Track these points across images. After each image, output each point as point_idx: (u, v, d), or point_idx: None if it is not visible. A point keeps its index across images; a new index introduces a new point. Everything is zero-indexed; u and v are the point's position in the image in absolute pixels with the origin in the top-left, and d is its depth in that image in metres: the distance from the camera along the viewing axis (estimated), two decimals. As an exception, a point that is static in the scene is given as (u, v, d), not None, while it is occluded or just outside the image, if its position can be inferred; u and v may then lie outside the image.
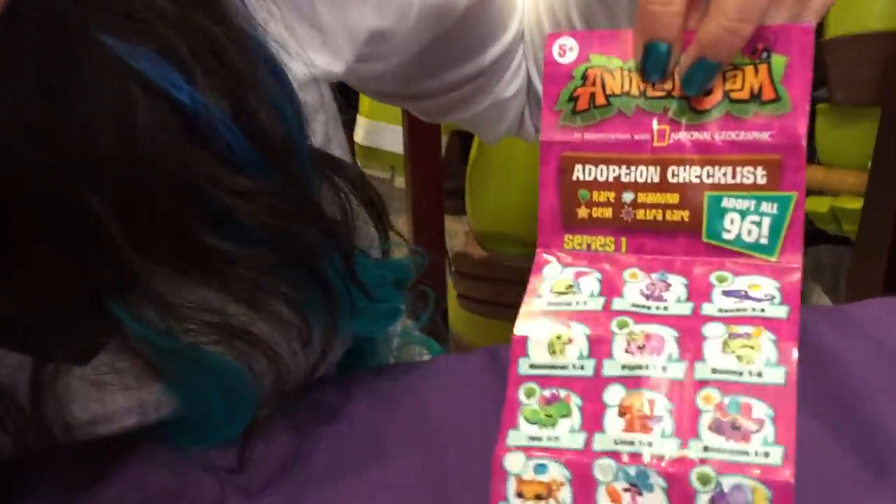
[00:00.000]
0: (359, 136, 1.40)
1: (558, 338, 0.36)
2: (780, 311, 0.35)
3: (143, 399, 0.45)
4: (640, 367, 0.35)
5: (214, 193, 0.40)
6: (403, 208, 0.97)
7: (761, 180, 0.37)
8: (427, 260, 0.53)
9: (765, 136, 0.37)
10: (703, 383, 0.34)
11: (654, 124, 0.38)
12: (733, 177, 0.37)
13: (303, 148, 0.44)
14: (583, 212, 0.39)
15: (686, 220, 0.38)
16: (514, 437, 0.35)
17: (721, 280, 0.37)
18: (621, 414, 0.35)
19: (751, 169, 0.37)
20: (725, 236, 0.37)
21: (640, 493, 0.33)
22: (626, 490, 0.33)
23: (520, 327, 0.37)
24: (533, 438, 0.35)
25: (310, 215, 0.44)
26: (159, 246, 0.40)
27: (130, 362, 0.43)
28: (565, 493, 0.34)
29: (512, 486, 0.35)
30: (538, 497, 0.35)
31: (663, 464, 0.33)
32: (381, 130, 1.36)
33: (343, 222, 0.46)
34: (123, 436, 0.45)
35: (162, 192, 0.39)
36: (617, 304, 0.37)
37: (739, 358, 0.34)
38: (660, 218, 0.38)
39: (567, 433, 0.35)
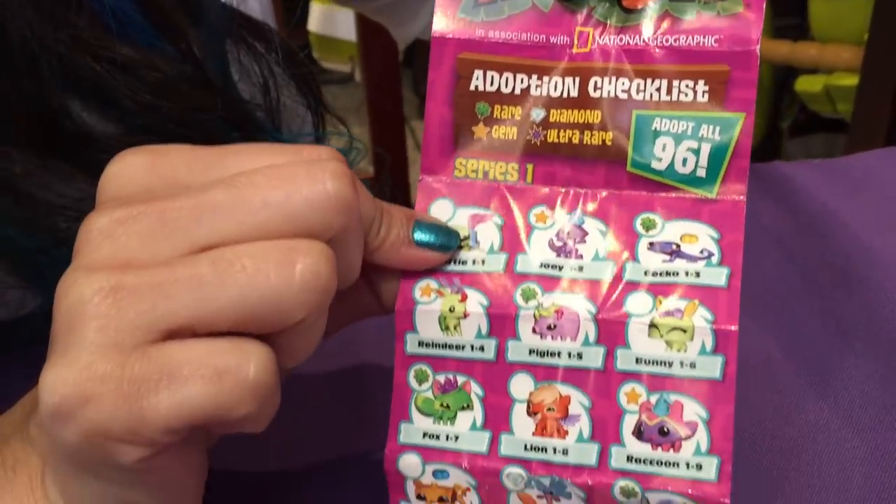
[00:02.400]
0: (313, 23, 1.19)
1: (451, 311, 0.30)
2: (719, 277, 0.28)
3: (1, 299, 0.39)
4: (550, 354, 0.29)
5: (83, 62, 0.33)
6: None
7: (702, 97, 0.28)
8: (367, 152, 0.45)
9: (710, 41, 0.27)
10: (626, 375, 0.28)
11: (576, 25, 0.28)
12: (668, 92, 0.28)
13: (208, 8, 0.35)
14: (480, 130, 0.31)
15: (608, 144, 0.29)
16: (406, 433, 0.30)
17: (648, 226, 0.29)
18: (531, 412, 0.29)
19: (690, 83, 0.28)
20: (655, 166, 0.29)
21: (558, 500, 0.29)
22: (540, 497, 0.29)
23: (403, 294, 0.30)
24: (429, 436, 0.30)
25: (210, 94, 0.35)
26: (17, 126, 0.34)
27: None
28: (472, 498, 0.30)
29: (411, 489, 0.30)
30: (442, 500, 0.30)
31: (581, 477, 0.28)
32: (336, 17, 1.16)
33: (263, 103, 0.37)
34: None
35: (13, 59, 0.32)
36: (522, 263, 0.30)
37: (669, 344, 0.28)
38: (576, 141, 0.30)
39: (468, 431, 0.29)
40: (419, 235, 0.29)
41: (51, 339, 0.25)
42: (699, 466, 0.27)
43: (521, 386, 0.29)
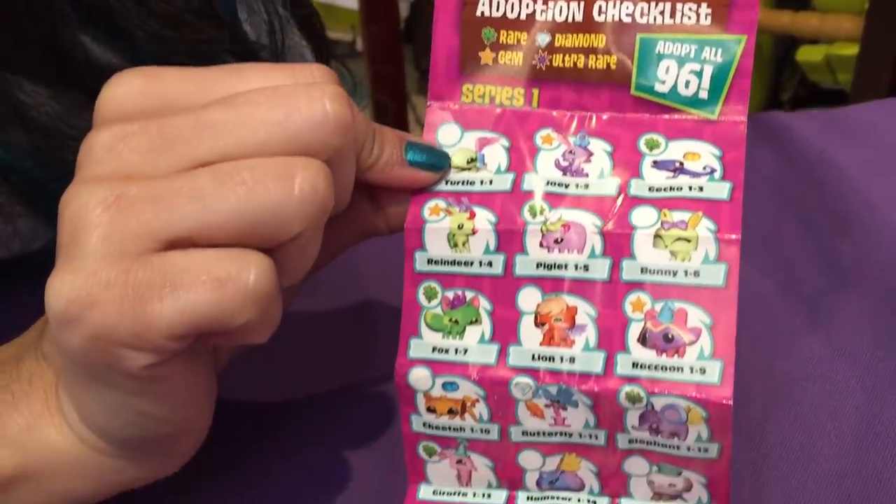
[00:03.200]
0: (313, -9, 1.19)
1: (460, 227, 0.30)
2: (721, 190, 0.29)
3: (11, 232, 0.39)
4: (557, 266, 0.30)
5: None
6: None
7: (705, 20, 0.29)
8: (370, 99, 0.46)
9: None
10: (631, 285, 0.29)
11: None
12: (672, 15, 0.29)
13: None
14: (487, 56, 0.31)
15: (612, 68, 0.30)
16: (416, 348, 0.31)
17: (652, 146, 0.30)
18: (539, 323, 0.30)
19: (693, 6, 0.29)
20: (658, 89, 0.30)
21: (565, 409, 0.30)
22: (547, 406, 0.30)
23: (412, 213, 0.31)
24: (438, 350, 0.31)
25: (218, 27, 0.36)
26: (26, 55, 0.34)
27: None
28: (481, 408, 0.31)
29: (421, 402, 0.31)
30: (452, 412, 0.31)
31: (587, 384, 0.29)
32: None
33: (269, 44, 0.38)
34: None
35: None
36: (528, 181, 0.31)
37: (673, 254, 0.29)
38: (581, 65, 0.31)
39: (476, 344, 0.30)
40: (411, 155, 0.30)
41: (56, 249, 0.26)
42: (703, 370, 0.28)
43: (528, 299, 0.30)
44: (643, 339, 0.29)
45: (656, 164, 0.30)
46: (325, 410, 0.37)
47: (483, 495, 0.32)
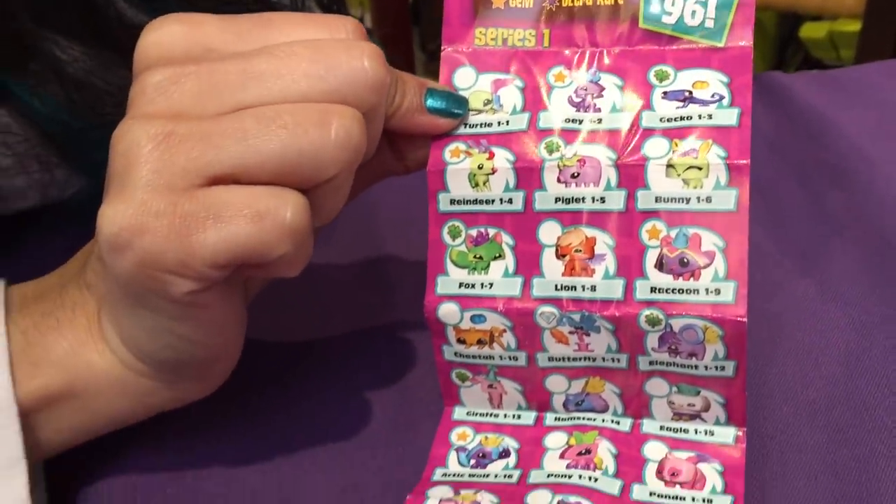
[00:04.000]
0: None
1: (480, 168, 0.32)
2: (730, 116, 0.30)
3: (46, 181, 0.41)
4: (575, 200, 0.31)
5: None
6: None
7: (708, -50, 0.30)
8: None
9: None
10: (646, 214, 0.30)
11: None
12: (674, -52, 0.30)
13: None
14: (498, 0, 0.32)
15: (620, 3, 0.31)
16: (443, 285, 0.32)
17: (661, 77, 0.31)
18: (560, 255, 0.31)
19: None
20: (665, 20, 0.31)
21: (588, 335, 0.31)
22: (571, 333, 0.31)
23: (434, 156, 0.32)
24: (464, 286, 0.32)
25: None
26: (63, 15, 0.35)
27: (32, 143, 0.39)
28: (509, 338, 0.32)
29: (451, 334, 0.33)
30: (481, 343, 0.33)
31: (609, 310, 0.31)
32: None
33: (290, 5, 0.39)
34: (24, 213, 0.42)
35: None
36: (544, 119, 0.32)
37: (686, 182, 0.30)
38: (589, 3, 0.32)
39: (501, 278, 0.32)
40: (431, 102, 0.31)
41: (106, 181, 0.27)
42: (718, 291, 0.30)
43: (549, 232, 0.31)
44: (660, 265, 0.30)
45: (666, 95, 0.31)
46: (347, 350, 0.39)
47: (513, 416, 0.34)
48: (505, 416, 0.34)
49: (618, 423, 0.33)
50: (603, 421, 0.33)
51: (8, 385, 0.29)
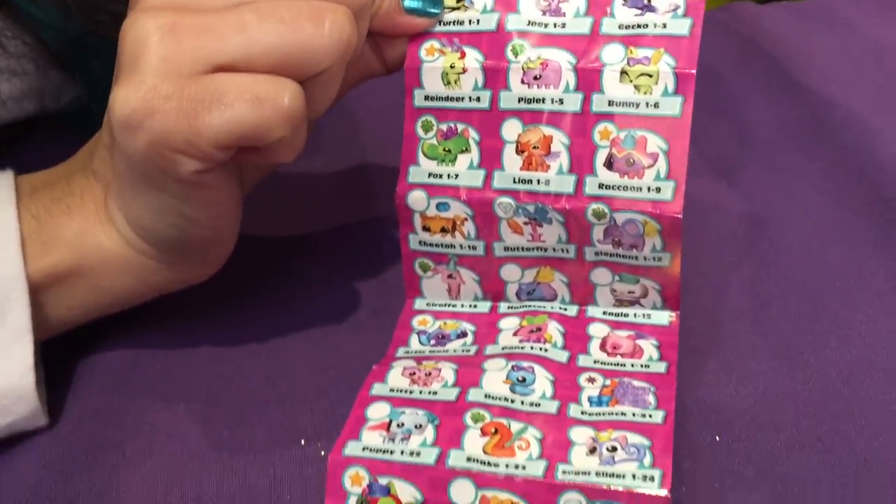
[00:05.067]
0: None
1: (452, 67, 0.34)
2: (683, 26, 0.33)
3: (41, 86, 0.43)
4: (536, 101, 0.34)
5: None
6: None
7: None
8: None
9: None
10: (600, 116, 0.33)
11: None
12: None
13: None
14: None
15: None
16: (414, 174, 0.35)
17: None
18: (519, 151, 0.34)
19: None
20: (630, -64, 0.33)
21: (540, 226, 0.34)
22: (526, 223, 0.34)
23: (411, 54, 0.35)
24: (433, 175, 0.35)
25: None
26: None
27: (30, 47, 0.41)
28: (469, 227, 0.35)
29: (418, 221, 0.36)
30: (444, 231, 0.36)
31: (560, 203, 0.34)
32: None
33: None
34: (19, 123, 0.45)
35: None
36: (512, 21, 0.34)
37: (637, 88, 0.33)
38: None
39: (466, 170, 0.35)
40: (408, 3, 0.34)
41: (116, 69, 0.30)
42: (658, 189, 0.33)
43: (511, 129, 0.34)
44: (609, 164, 0.33)
45: (626, 2, 0.33)
46: (332, 246, 0.42)
47: (470, 305, 0.37)
48: (462, 305, 0.37)
49: (565, 309, 0.36)
50: (552, 308, 0.36)
51: (19, 262, 0.32)
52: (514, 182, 0.34)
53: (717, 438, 0.33)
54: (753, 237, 0.41)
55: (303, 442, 0.34)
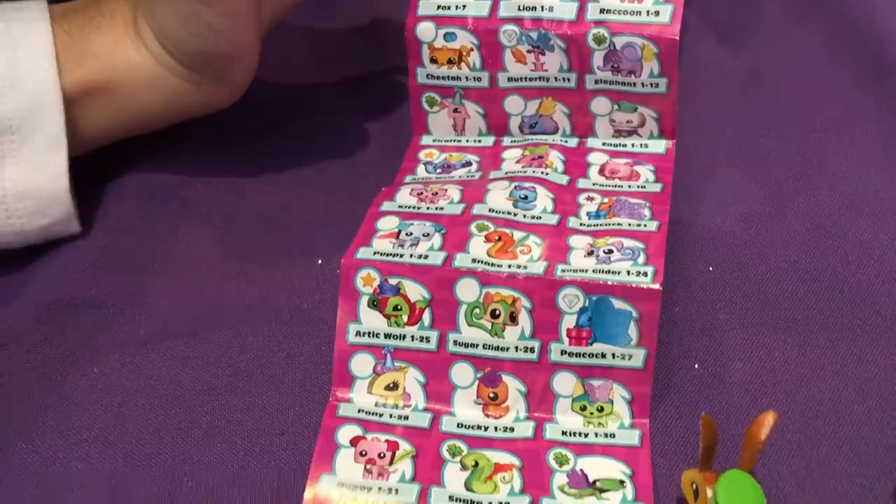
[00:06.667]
0: None
1: None
2: None
3: None
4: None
5: None
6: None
7: None
8: None
9: None
10: None
11: None
12: None
13: None
14: None
15: None
16: (423, 7, 0.37)
17: None
18: None
19: None
20: None
21: (543, 53, 0.36)
22: (529, 52, 0.36)
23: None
24: (441, 7, 0.36)
25: None
26: None
27: None
28: (475, 57, 0.37)
29: (426, 53, 0.37)
30: (451, 62, 0.37)
31: (562, 28, 0.35)
32: None
33: None
34: None
35: None
36: None
37: None
38: None
39: (474, 0, 0.36)
40: None
41: None
42: (657, 13, 0.34)
43: None
44: None
45: None
46: (344, 89, 0.44)
47: (475, 140, 0.39)
48: (467, 140, 0.39)
49: (566, 141, 0.38)
50: (553, 140, 0.38)
51: (53, 71, 0.34)
52: (519, 10, 0.35)
53: (711, 269, 0.35)
54: (748, 91, 0.42)
55: (319, 262, 0.36)
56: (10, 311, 0.35)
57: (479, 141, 0.38)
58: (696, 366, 0.32)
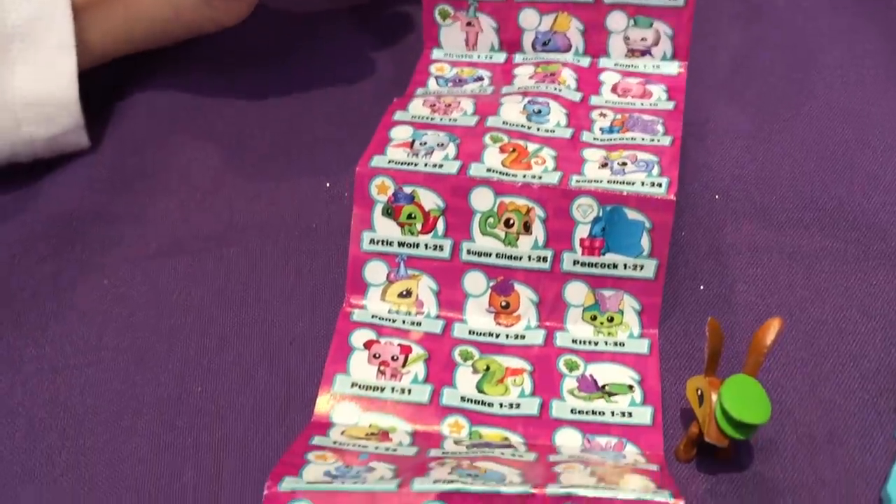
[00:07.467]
0: None
1: None
2: None
3: None
4: None
5: None
6: None
7: None
8: None
9: None
10: None
11: None
12: None
13: None
14: None
15: None
16: None
17: None
18: None
19: None
20: None
21: None
22: None
23: None
24: None
25: None
26: None
27: None
28: None
29: None
30: None
31: None
32: None
33: None
34: None
35: None
36: None
37: None
38: None
39: None
40: None
41: None
42: None
43: None
44: None
45: None
46: (353, 25, 0.43)
47: (486, 56, 0.38)
48: (479, 56, 0.38)
49: (578, 60, 0.37)
50: (566, 58, 0.37)
51: None
52: None
53: (717, 197, 0.35)
54: (752, 28, 0.42)
55: (328, 185, 0.36)
56: (20, 224, 0.34)
57: (491, 57, 0.38)
58: (702, 287, 0.33)
